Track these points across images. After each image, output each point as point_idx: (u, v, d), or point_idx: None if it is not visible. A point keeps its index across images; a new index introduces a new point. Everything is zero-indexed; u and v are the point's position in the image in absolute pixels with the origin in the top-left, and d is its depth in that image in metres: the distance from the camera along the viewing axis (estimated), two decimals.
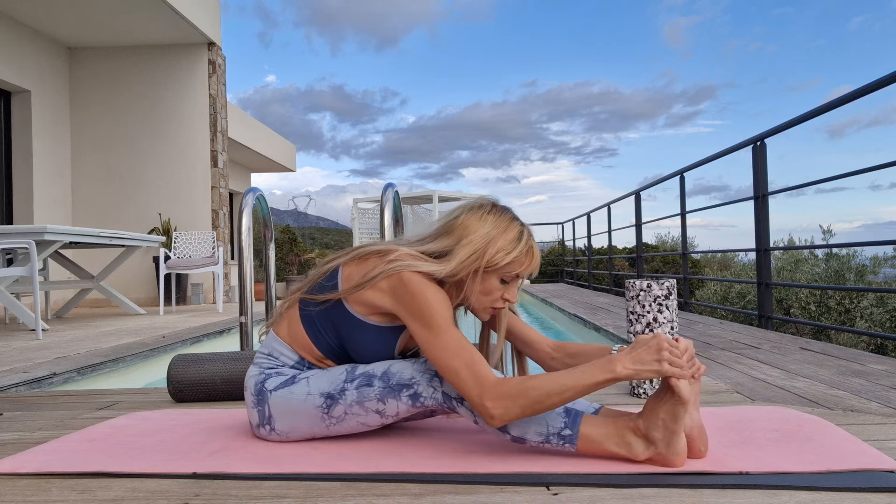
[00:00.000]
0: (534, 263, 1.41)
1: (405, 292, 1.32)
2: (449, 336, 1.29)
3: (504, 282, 1.39)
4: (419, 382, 1.35)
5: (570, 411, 1.27)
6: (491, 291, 1.39)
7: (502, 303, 1.40)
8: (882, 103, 65.40)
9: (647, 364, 1.19)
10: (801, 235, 10.35)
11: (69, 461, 1.35)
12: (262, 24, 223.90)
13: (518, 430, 1.28)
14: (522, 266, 1.39)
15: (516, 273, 1.39)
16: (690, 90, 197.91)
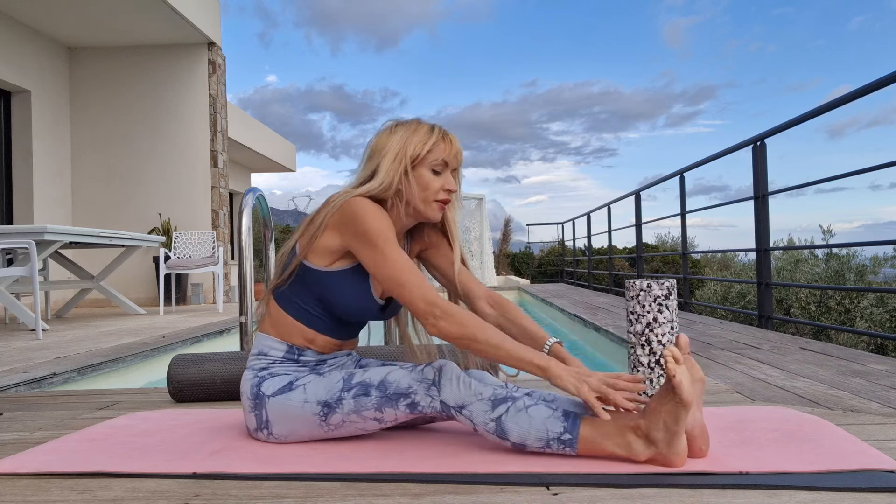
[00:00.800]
0: (454, 147, 1.48)
1: (347, 218, 1.38)
2: (397, 253, 1.36)
3: (436, 172, 1.46)
4: (416, 392, 1.34)
5: (568, 415, 1.26)
6: (428, 185, 1.45)
7: (445, 194, 1.46)
8: (882, 103, 65.49)
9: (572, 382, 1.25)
10: (801, 235, 10.35)
11: (69, 461, 1.35)
12: (263, 24, 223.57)
13: (518, 436, 1.27)
14: (444, 151, 1.46)
15: (443, 160, 1.46)
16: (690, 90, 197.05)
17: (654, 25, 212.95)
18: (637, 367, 1.89)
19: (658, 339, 1.87)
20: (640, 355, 1.88)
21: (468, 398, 1.29)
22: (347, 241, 1.40)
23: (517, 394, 1.29)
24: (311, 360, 1.49)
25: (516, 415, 1.26)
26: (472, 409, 1.29)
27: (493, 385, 1.31)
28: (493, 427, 1.28)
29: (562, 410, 1.27)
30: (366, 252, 1.37)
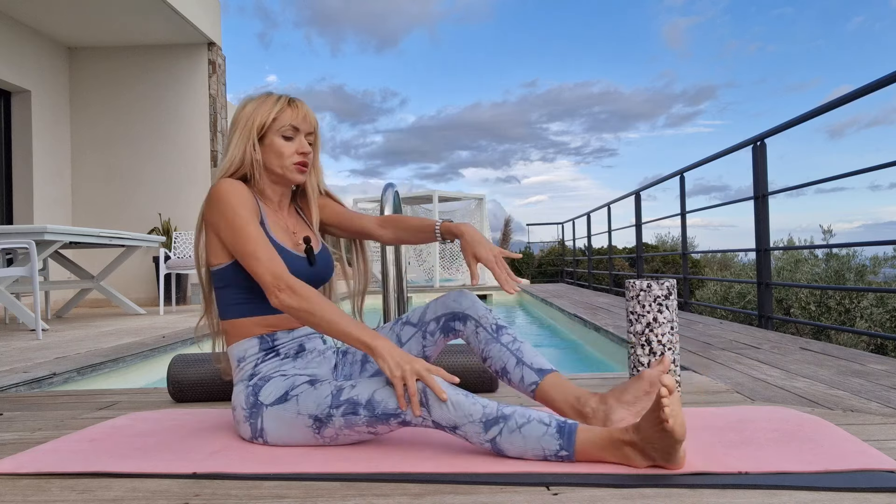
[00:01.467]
0: (301, 111, 1.53)
1: (210, 208, 1.46)
2: (249, 228, 1.42)
3: (287, 138, 1.52)
4: (406, 412, 1.30)
5: (563, 430, 1.23)
6: (281, 151, 1.52)
7: (301, 156, 1.53)
8: (882, 103, 65.56)
9: (389, 366, 1.28)
10: (801, 235, 10.35)
11: (69, 461, 1.35)
12: (263, 24, 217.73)
13: (515, 453, 1.26)
14: (291, 116, 1.52)
15: (290, 125, 1.52)
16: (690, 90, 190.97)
17: (654, 25, 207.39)
18: (637, 366, 1.89)
19: (658, 339, 1.87)
20: (640, 355, 1.88)
21: (459, 419, 1.26)
22: (218, 231, 1.46)
23: (508, 410, 1.26)
24: (286, 343, 1.49)
25: (510, 435, 1.25)
26: (465, 430, 1.26)
27: (481, 403, 1.27)
28: (490, 447, 1.27)
29: (556, 426, 1.24)
30: (224, 231, 1.44)
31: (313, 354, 1.53)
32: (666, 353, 1.83)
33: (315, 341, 1.56)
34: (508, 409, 1.26)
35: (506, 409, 1.26)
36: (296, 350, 1.51)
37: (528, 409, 1.27)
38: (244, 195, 1.47)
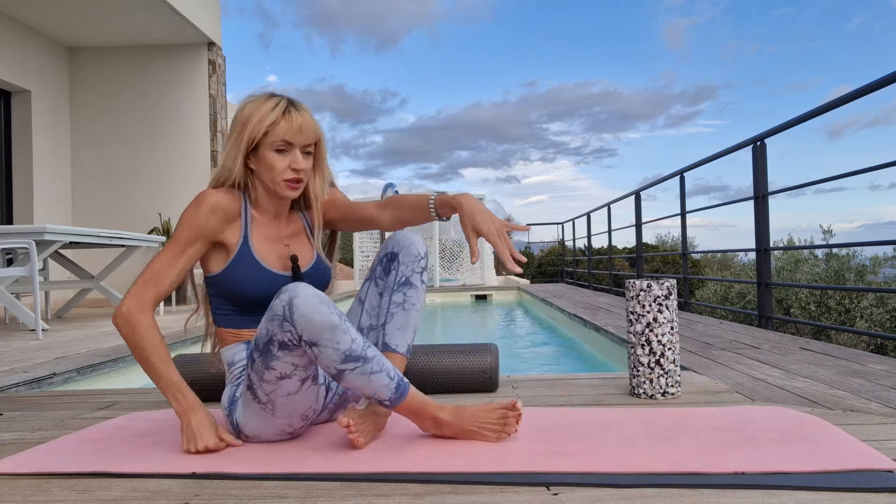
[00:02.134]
0: (295, 124, 1.42)
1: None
2: (167, 249, 1.43)
3: (280, 151, 1.43)
4: (274, 332, 1.28)
5: (399, 387, 1.34)
6: (273, 166, 1.43)
7: (293, 173, 1.44)
8: (882, 103, 65.53)
9: (187, 439, 1.37)
10: (801, 235, 10.35)
11: (69, 461, 1.35)
12: (263, 24, 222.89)
13: (351, 386, 1.32)
14: (284, 130, 1.41)
15: (283, 139, 1.42)
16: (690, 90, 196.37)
17: (654, 26, 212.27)
18: (637, 366, 1.89)
19: (658, 339, 1.87)
20: (640, 355, 1.88)
21: (323, 339, 1.26)
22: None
23: (370, 353, 1.30)
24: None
25: (360, 376, 1.30)
26: (321, 349, 1.26)
27: (351, 336, 1.28)
28: (333, 373, 1.30)
29: (396, 381, 1.34)
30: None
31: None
32: (667, 352, 1.84)
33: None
34: (371, 353, 1.31)
35: (369, 351, 1.31)
36: None
37: (384, 359, 1.33)
38: (205, 214, 1.42)
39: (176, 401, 1.38)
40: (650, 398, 1.87)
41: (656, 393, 1.86)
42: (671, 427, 1.49)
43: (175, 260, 1.43)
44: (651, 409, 1.71)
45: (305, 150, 1.46)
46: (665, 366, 1.86)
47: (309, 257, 1.56)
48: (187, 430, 1.37)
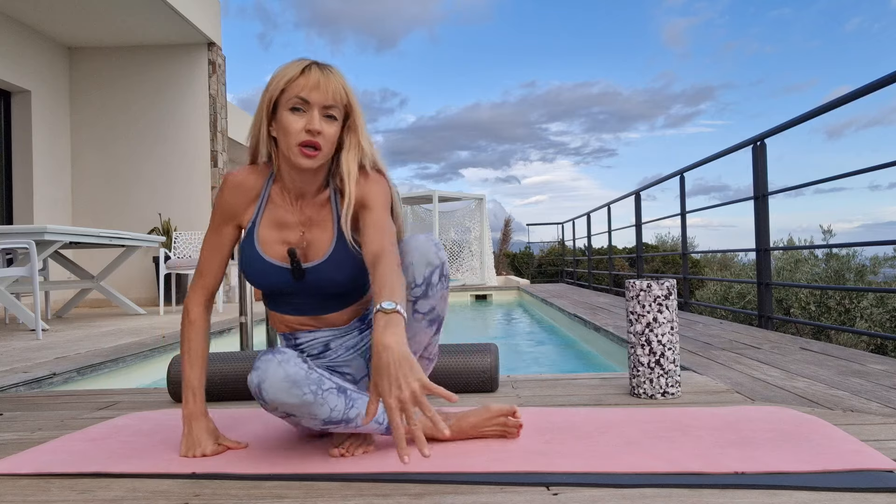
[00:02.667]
0: (312, 79, 1.28)
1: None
2: (206, 238, 1.44)
3: (296, 109, 1.29)
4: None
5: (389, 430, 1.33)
6: (288, 127, 1.29)
7: (307, 135, 1.28)
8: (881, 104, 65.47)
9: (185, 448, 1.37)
10: (801, 235, 10.35)
11: (69, 461, 1.35)
12: (263, 25, 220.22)
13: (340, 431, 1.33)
14: (300, 86, 1.28)
15: (298, 96, 1.28)
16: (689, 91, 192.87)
17: (654, 26, 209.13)
18: (637, 366, 1.89)
19: (658, 339, 1.87)
20: (640, 355, 1.88)
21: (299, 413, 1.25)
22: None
23: (352, 414, 1.29)
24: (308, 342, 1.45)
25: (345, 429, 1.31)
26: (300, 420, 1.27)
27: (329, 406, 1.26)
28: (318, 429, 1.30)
29: (385, 427, 1.34)
30: None
31: (340, 352, 1.46)
32: (667, 352, 1.84)
33: (345, 339, 1.46)
34: (353, 413, 1.29)
35: (351, 412, 1.29)
36: (319, 350, 1.46)
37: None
38: (226, 194, 1.40)
39: (185, 403, 1.39)
40: (650, 398, 1.87)
41: (656, 393, 1.86)
42: (671, 427, 1.49)
43: (213, 247, 1.43)
44: (651, 409, 1.71)
45: (326, 112, 1.31)
46: (665, 366, 1.86)
47: (324, 249, 1.38)
48: (187, 437, 1.38)
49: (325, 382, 1.27)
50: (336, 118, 1.32)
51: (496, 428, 1.42)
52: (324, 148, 1.31)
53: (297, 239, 1.39)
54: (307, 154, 1.29)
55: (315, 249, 1.39)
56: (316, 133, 1.29)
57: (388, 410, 1.04)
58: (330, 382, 1.28)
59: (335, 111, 1.32)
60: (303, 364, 1.26)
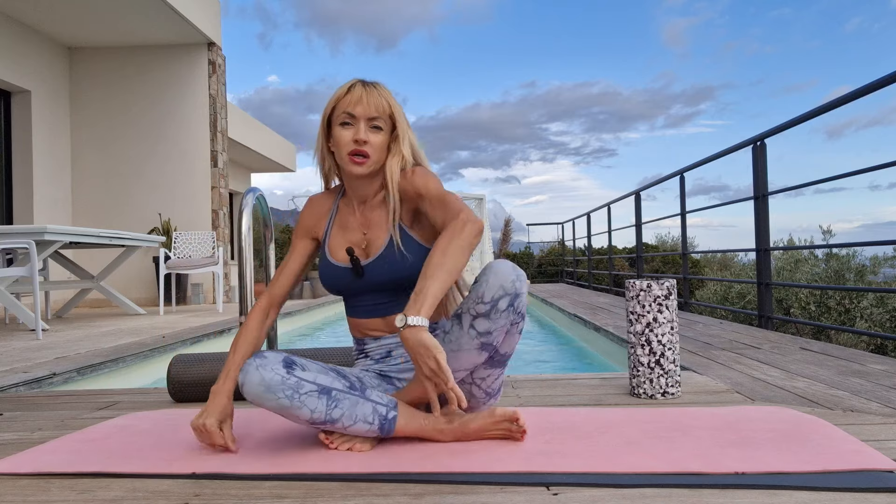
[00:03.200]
0: (354, 95, 1.44)
1: None
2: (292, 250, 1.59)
3: (345, 124, 1.45)
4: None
5: (382, 428, 1.36)
6: (339, 140, 1.45)
7: (354, 145, 1.43)
8: (881, 104, 65.50)
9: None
10: (801, 235, 10.35)
11: (69, 461, 1.35)
12: (263, 25, 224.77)
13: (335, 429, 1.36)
14: (346, 103, 1.44)
15: (345, 111, 1.44)
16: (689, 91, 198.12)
17: (654, 26, 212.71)
18: (637, 366, 1.89)
19: (658, 339, 1.87)
20: (640, 355, 1.88)
21: (283, 413, 1.30)
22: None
23: (336, 414, 1.31)
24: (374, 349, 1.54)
25: (334, 429, 1.34)
26: (287, 418, 1.33)
27: (308, 408, 1.29)
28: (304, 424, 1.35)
29: (378, 426, 1.35)
30: None
31: (398, 361, 1.52)
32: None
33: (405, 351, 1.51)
34: (337, 413, 1.31)
35: (335, 412, 1.31)
36: (382, 355, 1.53)
37: (355, 409, 1.32)
38: (304, 211, 1.60)
39: (216, 382, 1.45)
40: (650, 398, 1.87)
41: (656, 393, 1.86)
42: (671, 427, 1.49)
43: (288, 261, 1.58)
44: (651, 409, 1.71)
45: (372, 123, 1.45)
46: (665, 366, 1.86)
47: (379, 246, 1.49)
48: (203, 408, 1.42)
49: (305, 386, 1.29)
50: (382, 128, 1.46)
51: (500, 432, 1.43)
52: (372, 156, 1.45)
53: (359, 239, 1.52)
54: (357, 161, 1.44)
55: (373, 247, 1.50)
56: (362, 143, 1.43)
57: (424, 381, 1.28)
58: (311, 385, 1.30)
59: (380, 122, 1.46)
60: (281, 369, 1.29)
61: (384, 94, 1.47)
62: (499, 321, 1.35)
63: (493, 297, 1.34)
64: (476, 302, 1.35)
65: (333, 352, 2.05)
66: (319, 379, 1.33)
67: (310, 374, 1.33)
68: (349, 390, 1.35)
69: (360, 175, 1.46)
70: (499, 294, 1.34)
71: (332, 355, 2.03)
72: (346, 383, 1.37)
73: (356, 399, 1.34)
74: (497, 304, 1.34)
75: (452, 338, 1.38)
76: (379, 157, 1.46)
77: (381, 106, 1.45)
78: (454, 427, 1.41)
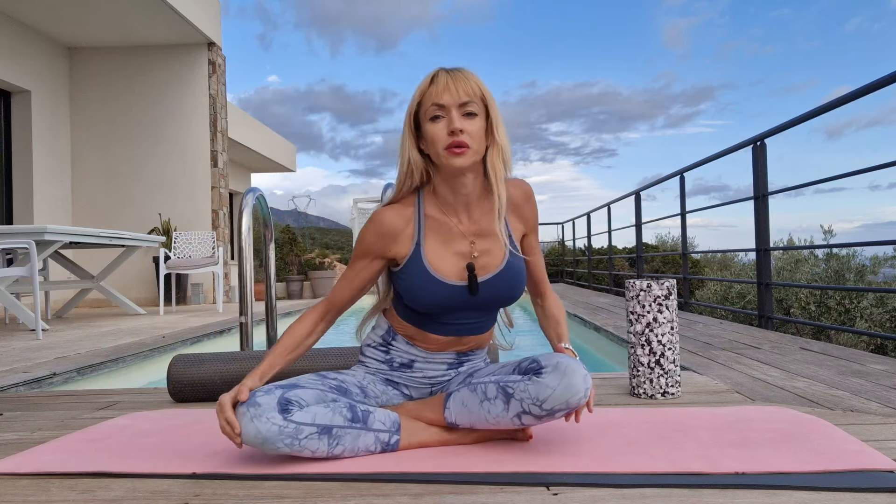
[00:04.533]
0: (439, 85, 1.31)
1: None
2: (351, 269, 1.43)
3: (436, 118, 1.32)
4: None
5: (385, 448, 1.33)
6: (434, 137, 1.32)
7: (451, 136, 1.30)
8: (881, 104, 65.49)
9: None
10: (801, 235, 10.35)
11: (69, 461, 1.35)
12: (263, 25, 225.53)
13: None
14: (432, 95, 1.32)
15: (433, 104, 1.31)
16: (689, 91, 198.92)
17: (654, 27, 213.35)
18: (637, 366, 1.89)
19: (658, 339, 1.87)
20: (640, 355, 1.88)
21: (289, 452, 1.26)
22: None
23: (338, 450, 1.29)
24: (400, 351, 1.47)
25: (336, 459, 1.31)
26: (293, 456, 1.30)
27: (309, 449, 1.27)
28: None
29: (382, 447, 1.33)
30: None
31: (418, 374, 1.47)
32: (666, 353, 1.83)
33: (433, 366, 1.46)
34: (338, 449, 1.29)
35: (336, 449, 1.29)
36: (404, 362, 1.47)
37: (357, 442, 1.30)
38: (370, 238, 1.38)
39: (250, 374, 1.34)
40: (650, 398, 1.87)
41: (656, 393, 1.86)
42: (671, 427, 1.49)
43: (350, 279, 1.43)
44: (651, 409, 1.71)
45: (464, 110, 1.31)
46: (665, 366, 1.86)
47: (498, 258, 1.38)
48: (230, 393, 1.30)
49: (304, 430, 1.24)
50: (476, 114, 1.33)
51: (504, 434, 1.42)
52: (472, 145, 1.31)
53: (468, 249, 1.38)
54: (456, 153, 1.30)
55: (489, 260, 1.39)
56: (459, 132, 1.30)
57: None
58: (310, 429, 1.25)
59: (473, 107, 1.32)
60: (277, 417, 1.23)
61: (471, 77, 1.34)
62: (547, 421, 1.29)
63: (554, 407, 1.25)
64: (532, 403, 1.25)
65: (333, 352, 2.05)
66: (318, 418, 1.26)
67: (308, 415, 1.26)
68: (350, 424, 1.29)
69: (463, 167, 1.32)
70: (560, 407, 1.25)
71: (332, 355, 2.03)
72: (348, 414, 1.29)
73: (358, 433, 1.30)
74: (554, 414, 1.26)
75: (493, 412, 1.30)
76: (479, 147, 1.33)
77: (472, 89, 1.32)
78: (457, 437, 1.40)
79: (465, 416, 1.34)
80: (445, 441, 1.39)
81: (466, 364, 1.50)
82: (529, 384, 1.26)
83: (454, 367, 1.49)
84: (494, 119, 1.35)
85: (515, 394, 1.27)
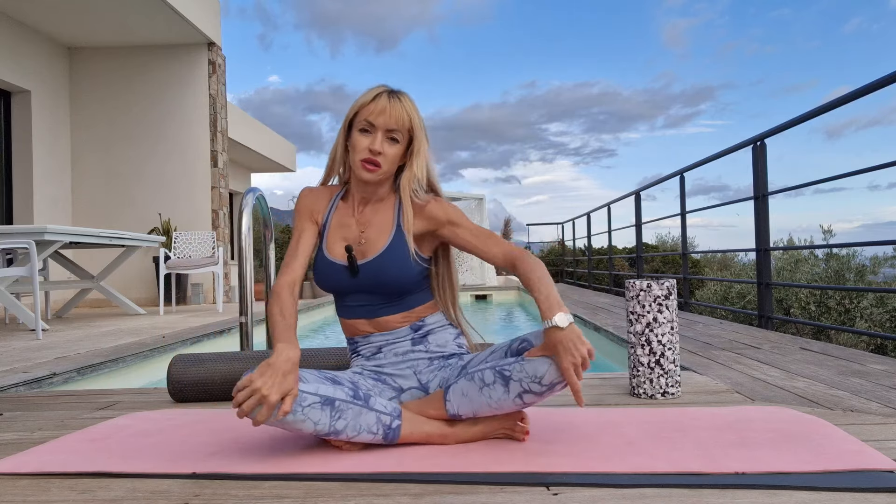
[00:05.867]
0: (378, 105, 1.45)
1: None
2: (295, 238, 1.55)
3: (364, 131, 1.47)
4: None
5: (387, 437, 1.36)
6: (355, 145, 1.47)
7: (368, 154, 1.45)
8: (881, 104, 65.57)
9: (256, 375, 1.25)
10: (801, 235, 10.34)
11: (69, 461, 1.35)
12: (263, 26, 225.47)
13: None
14: (369, 111, 1.45)
15: (366, 119, 1.46)
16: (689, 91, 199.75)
17: (654, 27, 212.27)
18: (637, 366, 1.89)
19: (658, 339, 1.87)
20: (640, 355, 1.88)
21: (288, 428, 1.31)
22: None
23: (340, 425, 1.32)
24: (364, 346, 1.55)
25: (337, 438, 1.34)
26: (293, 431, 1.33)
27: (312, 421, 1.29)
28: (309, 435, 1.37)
29: (381, 435, 1.35)
30: None
31: (389, 357, 1.52)
32: (666, 352, 1.83)
33: (395, 346, 1.52)
34: (341, 424, 1.31)
35: (338, 423, 1.31)
36: (372, 352, 1.54)
37: (359, 420, 1.33)
38: (303, 204, 1.57)
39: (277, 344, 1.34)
40: (650, 398, 1.87)
41: (656, 393, 1.86)
42: (671, 427, 1.49)
43: (296, 244, 1.54)
44: (651, 409, 1.71)
45: (389, 135, 1.47)
46: (665, 366, 1.86)
47: (379, 247, 1.50)
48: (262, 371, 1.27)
49: (307, 398, 1.29)
50: (398, 140, 1.48)
51: (503, 432, 1.43)
52: (383, 166, 1.47)
53: (356, 237, 1.53)
54: (368, 169, 1.47)
55: (371, 247, 1.51)
56: (377, 153, 1.46)
57: (565, 372, 1.26)
58: (313, 397, 1.29)
59: (398, 134, 1.48)
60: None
61: (407, 106, 1.48)
62: (549, 396, 1.34)
63: (552, 381, 1.31)
64: (531, 380, 1.31)
65: (332, 352, 2.05)
66: (321, 390, 1.31)
67: (311, 386, 1.31)
68: (353, 400, 1.33)
69: (369, 181, 1.49)
70: (560, 380, 1.31)
71: (331, 355, 2.03)
72: (350, 392, 1.34)
73: (360, 409, 1.33)
74: (553, 388, 1.32)
75: (494, 397, 1.34)
76: (389, 168, 1.49)
77: (402, 119, 1.47)
78: (457, 431, 1.41)
79: (466, 405, 1.38)
80: (447, 434, 1.40)
81: (431, 337, 1.53)
82: (525, 364, 1.33)
83: (418, 343, 1.53)
84: (416, 147, 1.51)
85: (513, 375, 1.33)
